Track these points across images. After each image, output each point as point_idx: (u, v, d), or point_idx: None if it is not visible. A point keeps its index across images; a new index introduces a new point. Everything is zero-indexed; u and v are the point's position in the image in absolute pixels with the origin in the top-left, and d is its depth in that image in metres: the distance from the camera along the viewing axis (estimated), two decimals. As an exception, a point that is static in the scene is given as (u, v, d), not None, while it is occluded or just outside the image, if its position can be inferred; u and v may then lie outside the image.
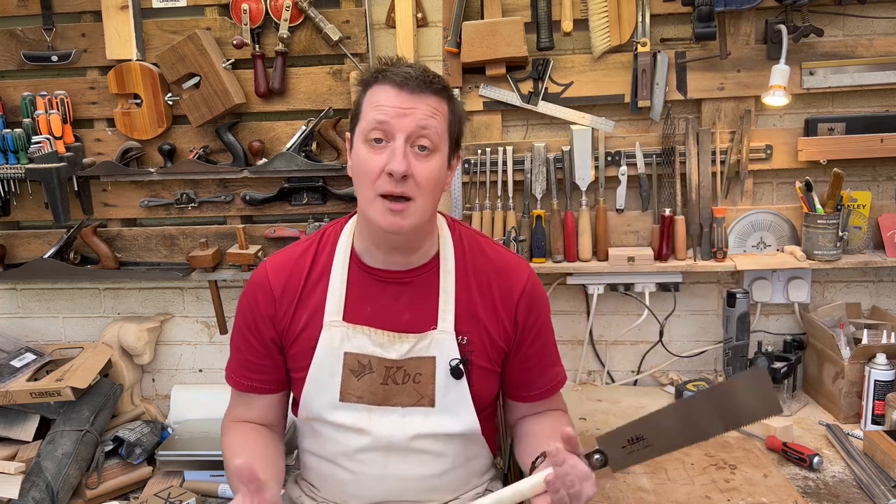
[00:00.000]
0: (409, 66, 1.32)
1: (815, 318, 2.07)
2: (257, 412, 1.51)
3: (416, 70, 1.31)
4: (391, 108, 1.28)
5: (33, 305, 2.39)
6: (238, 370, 1.50)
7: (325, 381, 1.42)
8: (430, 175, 1.30)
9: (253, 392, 1.49)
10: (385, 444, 1.42)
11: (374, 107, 1.30)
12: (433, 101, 1.31)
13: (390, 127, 1.28)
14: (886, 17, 2.01)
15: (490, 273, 1.47)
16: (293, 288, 1.44)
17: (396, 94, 1.29)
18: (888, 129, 1.99)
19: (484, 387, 1.46)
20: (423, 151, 1.30)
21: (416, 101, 1.29)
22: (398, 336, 1.41)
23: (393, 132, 1.28)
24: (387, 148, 1.28)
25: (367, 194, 1.31)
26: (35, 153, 2.07)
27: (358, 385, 1.42)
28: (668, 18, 2.06)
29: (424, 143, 1.29)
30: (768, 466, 1.66)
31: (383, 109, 1.28)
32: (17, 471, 1.86)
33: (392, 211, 1.29)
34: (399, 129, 1.28)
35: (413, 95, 1.29)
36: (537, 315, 1.49)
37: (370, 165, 1.29)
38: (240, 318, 1.50)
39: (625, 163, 2.09)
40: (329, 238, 1.48)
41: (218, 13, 2.11)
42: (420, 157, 1.29)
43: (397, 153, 1.27)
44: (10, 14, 2.16)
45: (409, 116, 1.28)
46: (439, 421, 1.43)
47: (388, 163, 1.27)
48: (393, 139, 1.28)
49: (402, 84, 1.29)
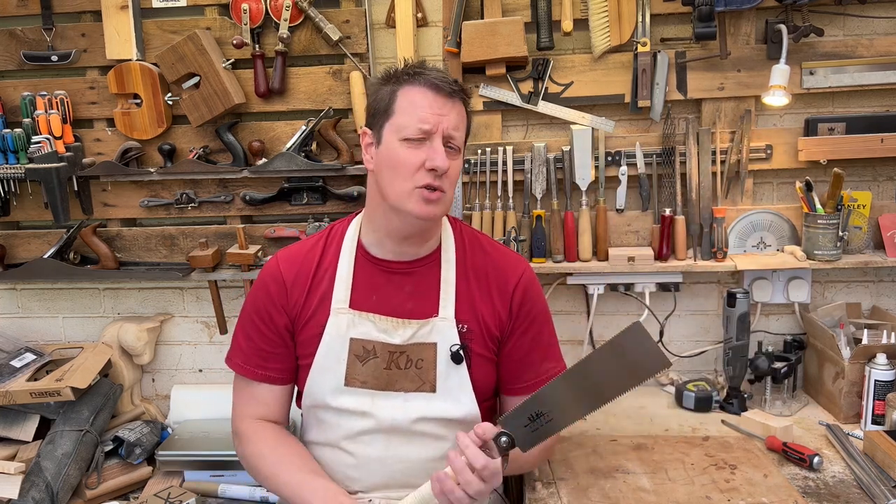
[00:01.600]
0: (438, 70, 1.44)
1: (816, 318, 2.07)
2: (269, 405, 1.56)
3: (445, 74, 1.44)
4: (430, 110, 1.39)
5: (33, 305, 2.39)
6: (252, 360, 1.55)
7: (331, 366, 1.49)
8: (457, 171, 1.44)
9: (268, 382, 1.55)
10: (388, 427, 1.48)
11: (413, 107, 1.39)
12: (459, 106, 1.44)
13: (432, 127, 1.38)
14: (886, 17, 2.01)
15: (488, 267, 1.55)
16: (304, 278, 1.53)
17: (434, 97, 1.39)
18: (888, 129, 1.99)
19: (483, 374, 1.52)
20: (453, 151, 1.42)
21: (450, 105, 1.41)
22: (401, 322, 1.49)
23: (433, 132, 1.38)
24: (423, 145, 1.39)
25: (405, 186, 1.39)
26: (35, 153, 2.06)
27: (362, 370, 1.49)
28: (668, 18, 2.06)
29: (454, 143, 1.42)
30: (768, 466, 1.66)
31: (423, 111, 1.38)
32: (17, 471, 1.86)
33: (428, 200, 1.39)
34: (438, 129, 1.38)
35: (447, 99, 1.41)
36: (531, 306, 1.55)
37: (410, 161, 1.39)
38: (251, 310, 1.56)
39: (625, 163, 2.09)
40: (336, 233, 1.58)
41: (218, 13, 2.11)
42: (451, 156, 1.41)
43: (439, 151, 1.38)
44: (10, 14, 2.16)
45: (444, 119, 1.39)
46: (440, 406, 1.49)
47: (429, 159, 1.38)
48: (430, 138, 1.39)
49: (438, 88, 1.40)
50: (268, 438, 1.52)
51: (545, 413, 1.22)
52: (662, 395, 2.13)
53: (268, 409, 1.56)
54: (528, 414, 1.23)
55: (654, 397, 2.12)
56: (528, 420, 1.22)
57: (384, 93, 1.43)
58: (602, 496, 1.56)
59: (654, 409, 2.04)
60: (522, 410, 1.27)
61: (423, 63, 1.48)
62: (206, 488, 1.95)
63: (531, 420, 1.22)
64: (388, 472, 1.50)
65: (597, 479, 1.63)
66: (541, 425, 1.23)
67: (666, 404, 2.06)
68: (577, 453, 1.76)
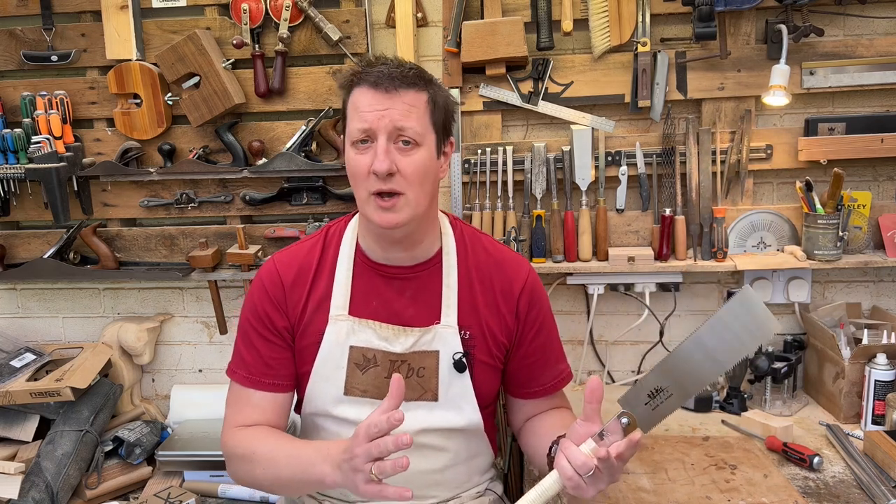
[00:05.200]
0: (384, 64, 1.34)
1: (816, 318, 2.07)
2: (269, 414, 1.47)
3: (390, 67, 1.33)
4: (369, 110, 1.31)
5: (33, 305, 2.39)
6: (256, 369, 1.46)
7: (330, 375, 1.44)
8: (416, 168, 1.33)
9: (275, 391, 1.46)
10: None
11: (355, 110, 1.33)
12: (409, 96, 1.32)
13: (371, 128, 1.31)
14: (886, 17, 2.01)
15: (491, 269, 1.49)
16: (303, 281, 1.47)
17: (373, 95, 1.31)
18: (888, 129, 1.99)
19: (486, 381, 1.48)
20: (407, 146, 1.32)
21: (392, 99, 1.31)
22: (403, 330, 1.44)
23: (374, 133, 1.31)
24: (371, 148, 1.32)
25: (361, 194, 1.35)
26: (35, 153, 2.07)
27: (363, 379, 1.43)
28: (668, 18, 2.06)
29: (406, 137, 1.32)
30: (768, 466, 1.66)
31: (362, 112, 1.32)
32: (17, 471, 1.86)
33: (382, 207, 1.32)
34: (379, 129, 1.30)
35: (388, 94, 1.31)
36: (538, 310, 1.51)
37: (359, 167, 1.33)
38: (250, 317, 1.48)
39: (625, 163, 2.09)
40: (334, 235, 1.51)
41: (218, 13, 2.11)
42: (404, 152, 1.32)
43: (379, 153, 1.30)
44: (10, 14, 2.16)
45: (386, 116, 1.30)
46: (442, 415, 1.44)
47: (373, 162, 1.30)
48: (375, 139, 1.31)
49: (377, 84, 1.31)
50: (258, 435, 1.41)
51: (665, 388, 1.14)
52: (662, 395, 2.13)
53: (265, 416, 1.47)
54: (647, 391, 1.15)
55: (654, 397, 2.12)
56: (648, 397, 1.15)
57: (342, 100, 1.39)
58: (602, 496, 1.56)
59: (654, 409, 2.04)
60: (641, 388, 1.18)
61: (377, 59, 1.37)
62: (206, 488, 1.95)
63: (651, 397, 1.15)
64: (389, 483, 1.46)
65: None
66: (661, 402, 1.15)
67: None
68: (577, 453, 1.76)
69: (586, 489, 1.17)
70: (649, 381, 1.16)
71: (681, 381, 1.15)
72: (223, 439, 1.46)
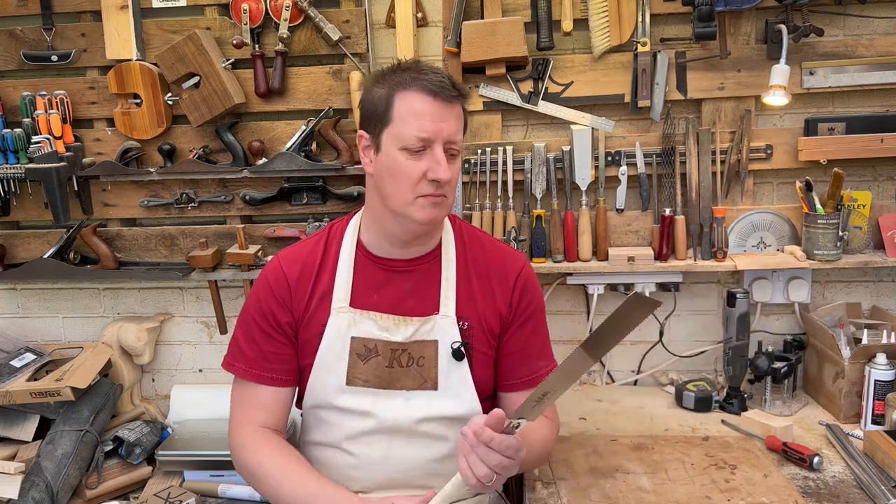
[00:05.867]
0: (436, 72, 1.39)
1: (816, 318, 2.07)
2: (271, 409, 1.52)
3: (443, 77, 1.38)
4: (430, 119, 1.35)
5: (33, 305, 2.39)
6: (255, 363, 1.51)
7: (332, 366, 1.48)
8: (457, 175, 1.43)
9: (271, 384, 1.52)
10: (390, 427, 1.48)
11: (412, 115, 1.35)
12: (458, 109, 1.40)
13: (432, 136, 1.36)
14: (886, 17, 2.01)
15: (489, 262, 1.55)
16: (306, 278, 1.51)
17: (432, 103, 1.36)
18: (888, 129, 1.99)
19: (484, 371, 1.52)
20: (453, 156, 1.40)
21: (450, 111, 1.38)
22: (403, 319, 1.49)
23: (433, 141, 1.36)
24: (424, 154, 1.36)
25: (405, 196, 1.38)
26: (35, 153, 2.06)
27: (364, 369, 1.48)
28: (668, 18, 2.05)
29: (455, 149, 1.39)
30: (768, 466, 1.66)
31: (423, 119, 1.35)
32: (17, 471, 1.85)
33: (434, 204, 1.39)
34: (438, 138, 1.36)
35: (446, 104, 1.37)
36: (529, 301, 1.55)
37: (412, 171, 1.37)
38: (253, 311, 1.53)
39: (625, 163, 2.09)
40: (336, 233, 1.56)
41: (218, 13, 2.11)
42: (452, 161, 1.39)
43: (442, 163, 1.36)
44: (10, 14, 2.15)
45: (445, 125, 1.36)
46: (442, 403, 1.48)
47: (431, 169, 1.36)
48: (431, 147, 1.36)
49: (437, 93, 1.36)
50: (268, 447, 1.47)
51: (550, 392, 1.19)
52: (662, 395, 2.13)
53: (269, 413, 1.52)
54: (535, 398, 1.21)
55: (653, 397, 2.12)
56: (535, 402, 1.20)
57: (380, 96, 1.39)
58: (602, 496, 1.56)
59: (654, 409, 2.04)
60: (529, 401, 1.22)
61: (419, 63, 1.43)
62: (206, 488, 1.95)
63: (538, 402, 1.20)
64: (390, 472, 1.49)
65: (597, 479, 1.63)
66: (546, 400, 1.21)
67: (666, 404, 2.06)
68: (577, 453, 1.76)
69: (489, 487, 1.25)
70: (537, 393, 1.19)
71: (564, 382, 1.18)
72: (231, 437, 1.53)
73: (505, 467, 1.23)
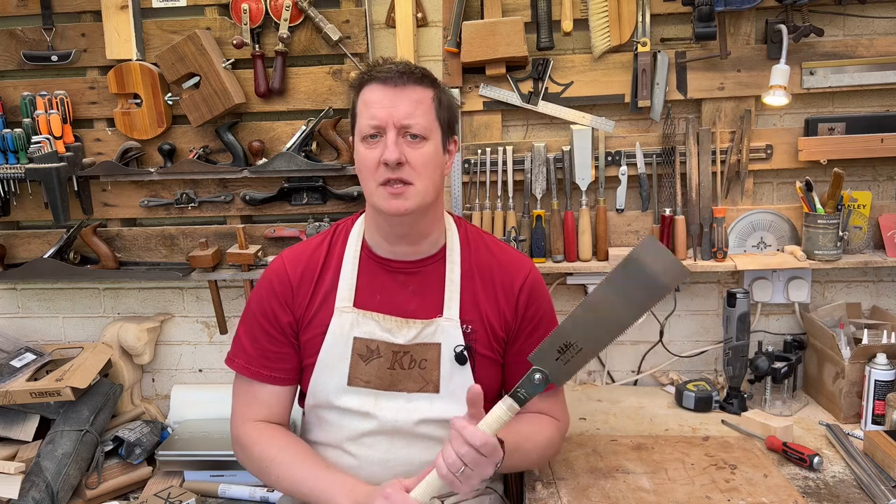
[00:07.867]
0: (393, 63, 1.42)
1: (816, 318, 2.07)
2: (272, 407, 1.54)
3: (398, 66, 1.41)
4: (379, 105, 1.38)
5: (33, 305, 2.39)
6: (256, 361, 1.53)
7: (334, 366, 1.49)
8: (424, 160, 1.40)
9: (272, 383, 1.53)
10: (390, 428, 1.48)
11: (365, 107, 1.40)
12: (417, 93, 1.40)
13: (381, 122, 1.38)
14: (886, 17, 2.01)
15: (493, 266, 1.54)
16: (309, 277, 1.52)
17: (382, 90, 1.39)
18: (888, 129, 1.99)
19: (487, 375, 1.51)
20: (416, 140, 1.39)
21: (401, 95, 1.38)
22: (405, 321, 1.49)
23: (384, 126, 1.38)
24: (381, 142, 1.39)
25: (370, 186, 1.41)
26: (35, 153, 2.06)
27: (366, 370, 1.48)
28: (668, 18, 2.06)
29: (414, 131, 1.38)
30: (768, 466, 1.66)
31: (372, 108, 1.38)
32: (17, 471, 1.85)
33: (393, 194, 1.38)
34: (389, 122, 1.37)
35: (397, 89, 1.38)
36: (537, 307, 1.54)
37: (369, 160, 1.40)
38: (255, 310, 1.54)
39: (625, 163, 2.09)
40: (341, 233, 1.58)
41: (218, 13, 2.11)
42: (413, 145, 1.39)
43: (389, 144, 1.37)
44: (10, 14, 2.16)
45: (395, 109, 1.37)
46: (444, 407, 1.48)
47: (383, 154, 1.37)
48: (385, 133, 1.38)
49: (386, 80, 1.39)
50: (275, 439, 1.49)
51: (574, 343, 1.17)
52: (662, 395, 2.13)
53: (270, 410, 1.54)
54: (557, 346, 1.18)
55: (654, 397, 2.12)
56: (558, 353, 1.17)
57: (352, 100, 1.46)
58: (602, 496, 1.56)
59: (654, 409, 2.04)
60: (550, 344, 1.22)
61: (383, 60, 1.46)
62: (206, 488, 1.95)
63: (561, 352, 1.17)
64: (390, 474, 1.48)
65: (597, 479, 1.63)
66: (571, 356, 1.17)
67: (666, 404, 2.06)
68: (577, 453, 1.76)
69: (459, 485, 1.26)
70: (557, 338, 1.17)
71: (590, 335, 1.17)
72: (234, 431, 1.55)
73: (477, 463, 1.24)
